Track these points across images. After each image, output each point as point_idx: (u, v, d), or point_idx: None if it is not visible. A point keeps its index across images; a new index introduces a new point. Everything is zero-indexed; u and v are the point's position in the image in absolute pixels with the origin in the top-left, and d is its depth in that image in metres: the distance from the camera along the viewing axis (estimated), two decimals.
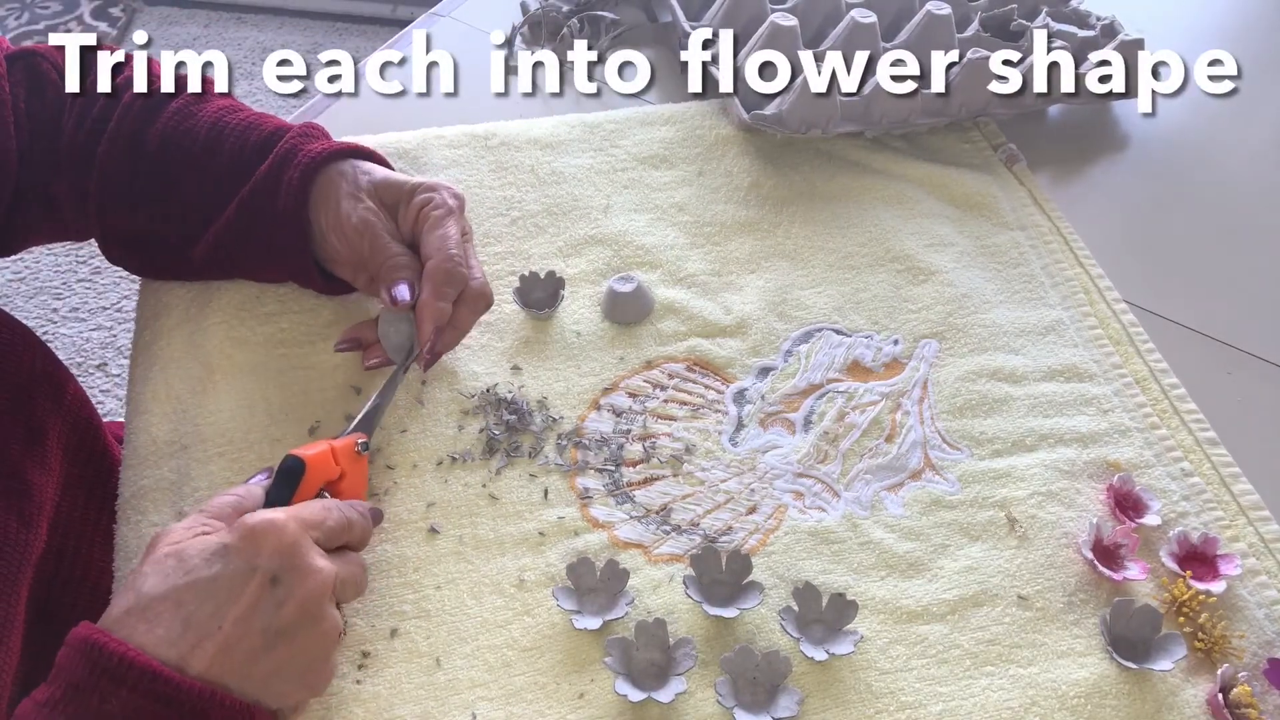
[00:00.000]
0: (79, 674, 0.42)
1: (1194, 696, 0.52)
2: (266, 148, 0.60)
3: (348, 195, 0.59)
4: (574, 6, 0.90)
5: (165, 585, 0.44)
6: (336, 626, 0.47)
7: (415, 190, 0.59)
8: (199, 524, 0.47)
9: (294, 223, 0.58)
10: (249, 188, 0.59)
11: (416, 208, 0.59)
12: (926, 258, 0.71)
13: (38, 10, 2.37)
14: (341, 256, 0.59)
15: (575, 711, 0.50)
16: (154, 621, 0.43)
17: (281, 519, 0.46)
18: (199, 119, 0.61)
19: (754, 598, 0.53)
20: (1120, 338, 0.68)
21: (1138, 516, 0.58)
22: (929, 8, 0.80)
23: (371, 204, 0.59)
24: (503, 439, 0.60)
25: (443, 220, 0.58)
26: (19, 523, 0.55)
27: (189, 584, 0.44)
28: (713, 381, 0.64)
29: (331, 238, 0.59)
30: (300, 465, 0.50)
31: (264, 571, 0.44)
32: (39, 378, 0.61)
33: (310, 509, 0.48)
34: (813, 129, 0.76)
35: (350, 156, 0.60)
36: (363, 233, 0.58)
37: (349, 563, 0.49)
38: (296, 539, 0.45)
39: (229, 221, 0.60)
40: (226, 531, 0.46)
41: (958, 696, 0.52)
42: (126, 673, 0.41)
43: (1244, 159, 0.84)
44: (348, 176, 0.59)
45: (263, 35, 2.34)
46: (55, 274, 1.83)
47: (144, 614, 0.43)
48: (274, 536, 0.45)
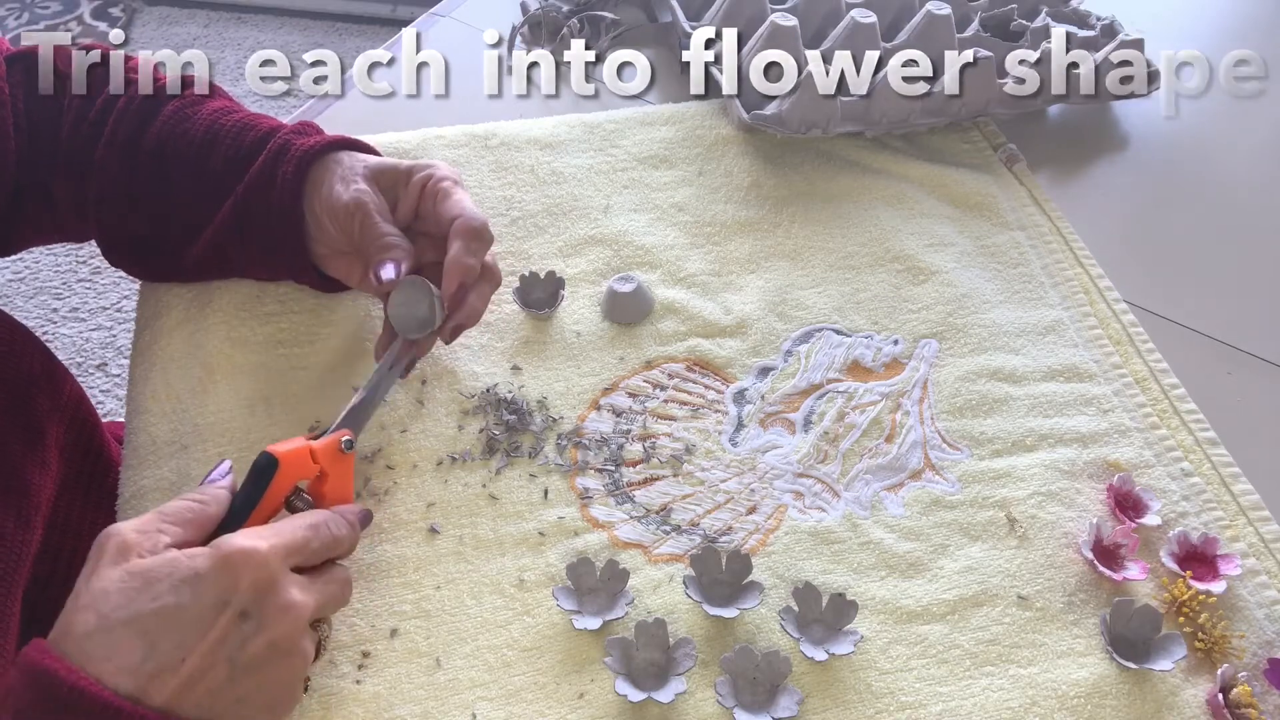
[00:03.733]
0: (29, 700, 0.40)
1: (1194, 696, 0.52)
2: (260, 146, 0.59)
3: (340, 179, 0.58)
4: (574, 6, 0.90)
5: (129, 610, 0.41)
6: (307, 659, 0.45)
7: (412, 170, 0.59)
8: (155, 528, 0.44)
9: (289, 217, 0.58)
10: (243, 185, 0.59)
11: (419, 185, 0.58)
12: (926, 258, 0.71)
13: (38, 10, 2.37)
14: (335, 244, 0.59)
15: (575, 711, 0.50)
16: (114, 648, 0.41)
17: (261, 550, 0.43)
18: (195, 121, 0.61)
19: (754, 598, 0.53)
20: (1120, 338, 0.68)
21: (1138, 516, 0.58)
22: (929, 8, 0.80)
23: (366, 186, 0.58)
24: (503, 439, 0.60)
25: (453, 190, 0.57)
26: (16, 522, 0.55)
27: (154, 611, 0.41)
28: (713, 381, 0.64)
29: (325, 221, 0.58)
30: (273, 463, 0.47)
31: (235, 605, 0.42)
32: (37, 377, 0.61)
33: (293, 530, 0.46)
34: (813, 129, 0.76)
35: (344, 148, 0.60)
36: (354, 212, 0.57)
37: (330, 581, 0.47)
38: (274, 573, 0.43)
39: (225, 220, 0.59)
40: (202, 556, 0.43)
41: (958, 696, 0.52)
42: (78, 702, 0.39)
43: (1244, 159, 0.84)
44: (343, 164, 0.59)
45: (263, 35, 2.34)
46: (55, 274, 1.83)
47: (104, 638, 0.41)
48: (251, 569, 0.42)
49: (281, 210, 0.58)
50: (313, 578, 0.47)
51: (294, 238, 0.59)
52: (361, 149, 0.61)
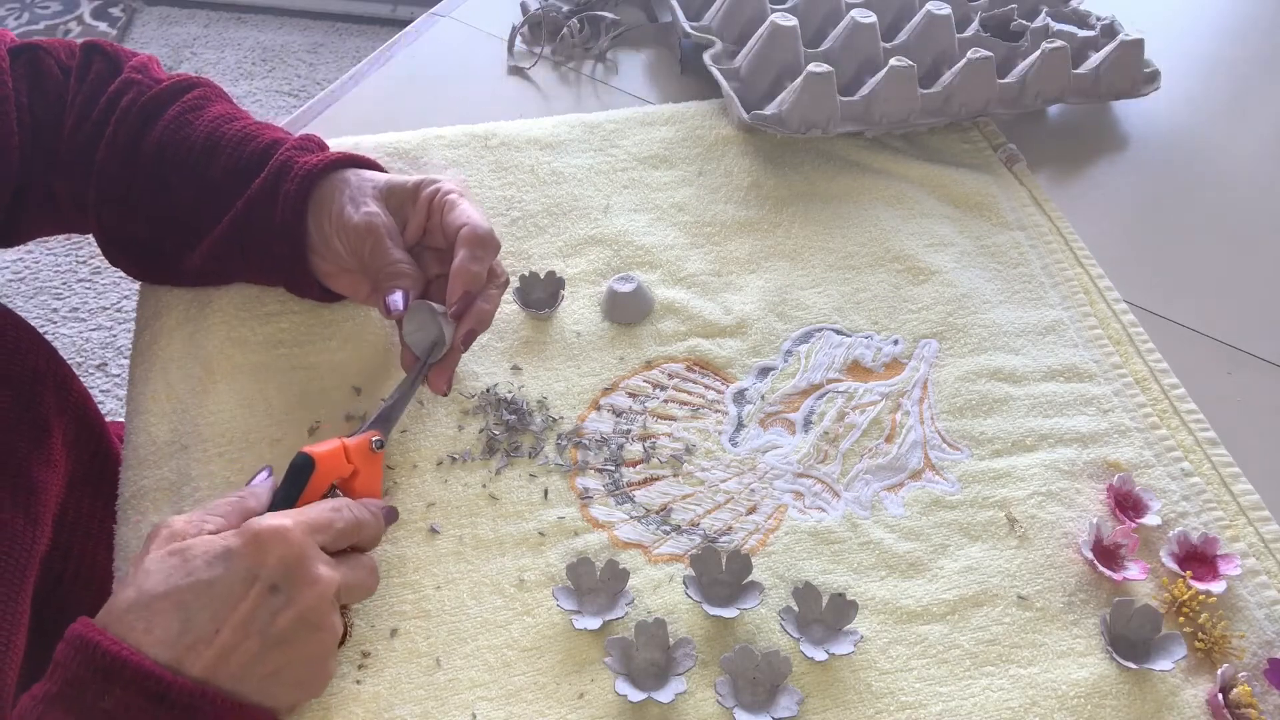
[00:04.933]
0: (75, 670, 0.42)
1: (1194, 696, 0.52)
2: (262, 160, 0.59)
3: (350, 200, 0.58)
4: (574, 6, 0.90)
5: (166, 584, 0.44)
6: (336, 633, 0.47)
7: (420, 187, 0.59)
8: (200, 519, 0.47)
9: (292, 235, 0.58)
10: (244, 201, 0.58)
11: (426, 200, 0.58)
12: (926, 258, 0.71)
13: (38, 10, 2.37)
14: (343, 262, 0.59)
15: (575, 711, 0.50)
16: (152, 621, 0.43)
17: (288, 525, 0.45)
18: (195, 127, 0.60)
19: (754, 598, 0.53)
20: (1120, 338, 0.68)
21: (1138, 516, 0.58)
22: (929, 8, 0.80)
23: (377, 208, 0.58)
24: (503, 439, 0.60)
25: (459, 201, 0.58)
26: (25, 520, 0.55)
27: (190, 585, 0.44)
28: (713, 381, 0.64)
29: (334, 241, 0.58)
30: (310, 463, 0.50)
31: (265, 579, 0.44)
32: (44, 376, 0.61)
33: (318, 511, 0.48)
34: (813, 129, 0.76)
35: (349, 165, 0.60)
36: (365, 235, 0.57)
37: (355, 566, 0.48)
38: (301, 548, 0.45)
39: (224, 234, 0.59)
40: (233, 534, 0.46)
41: (958, 696, 0.52)
42: (121, 671, 0.42)
43: (1244, 159, 0.84)
44: (350, 183, 0.59)
45: (263, 35, 2.34)
46: (55, 274, 1.83)
47: (144, 612, 0.43)
48: (279, 544, 0.45)
49: (284, 227, 0.58)
50: (340, 558, 0.48)
51: (296, 254, 0.59)
52: (366, 165, 0.61)
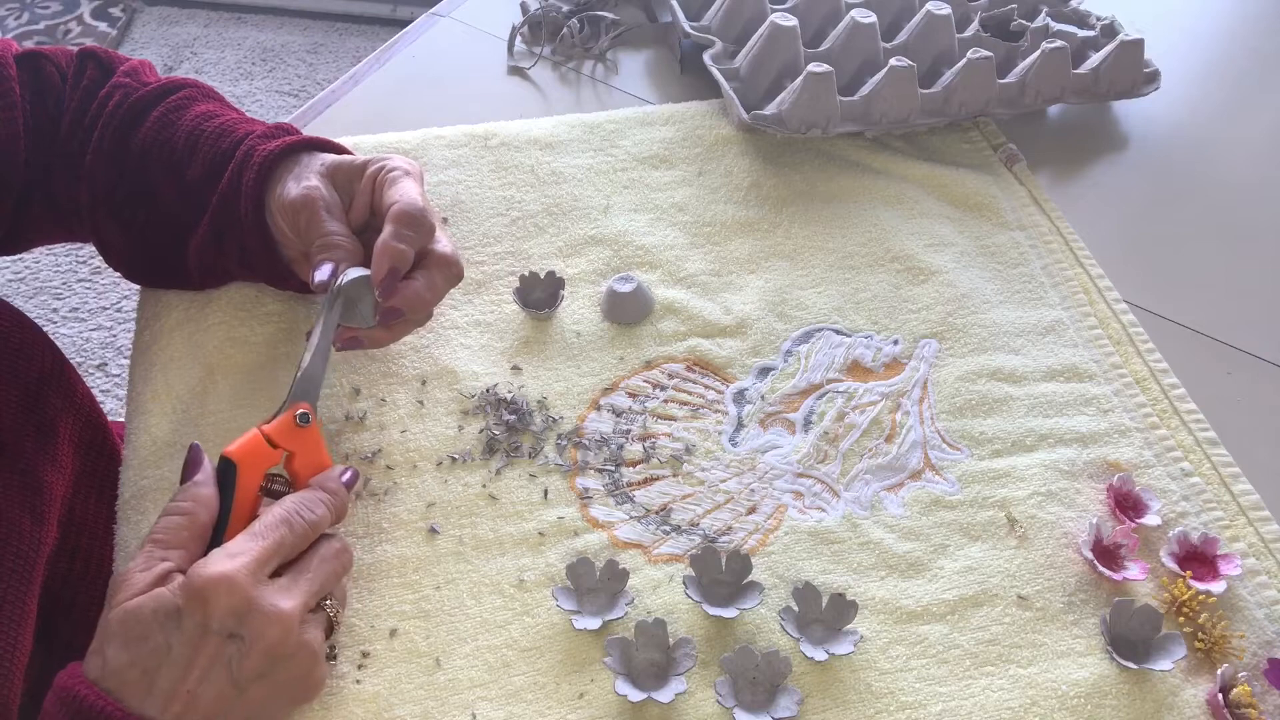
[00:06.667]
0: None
1: (1194, 696, 0.52)
2: (232, 154, 0.58)
3: (295, 177, 0.56)
4: (574, 6, 0.90)
5: (127, 654, 0.43)
6: (312, 650, 0.46)
7: (367, 164, 0.57)
8: (154, 560, 0.46)
9: (257, 225, 0.57)
10: (217, 197, 0.58)
11: (371, 176, 0.56)
12: (926, 258, 0.71)
13: (38, 10, 2.37)
14: (289, 243, 0.57)
15: (575, 711, 0.50)
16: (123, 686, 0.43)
17: (230, 572, 0.44)
18: (178, 128, 0.60)
19: (754, 598, 0.53)
20: (1120, 338, 0.68)
21: (1138, 516, 0.58)
22: (929, 8, 0.80)
23: (317, 182, 0.56)
24: (503, 439, 0.60)
25: (401, 179, 0.55)
26: (31, 519, 0.55)
27: (150, 651, 0.43)
28: (713, 381, 0.64)
29: (279, 220, 0.56)
30: (231, 466, 0.48)
31: (218, 631, 0.44)
32: (50, 376, 0.61)
33: (265, 532, 0.46)
34: (813, 129, 0.76)
35: (308, 149, 0.58)
36: (300, 209, 0.55)
37: (322, 560, 0.48)
38: (246, 591, 0.44)
39: (205, 234, 0.59)
40: (180, 588, 0.44)
41: (958, 696, 0.52)
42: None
43: (1244, 159, 0.84)
44: (300, 162, 0.57)
45: (263, 35, 2.34)
46: (55, 274, 1.83)
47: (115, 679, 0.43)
48: (224, 595, 0.43)
49: (248, 221, 0.57)
50: (299, 568, 0.47)
51: (264, 246, 0.58)
52: (330, 148, 0.59)
